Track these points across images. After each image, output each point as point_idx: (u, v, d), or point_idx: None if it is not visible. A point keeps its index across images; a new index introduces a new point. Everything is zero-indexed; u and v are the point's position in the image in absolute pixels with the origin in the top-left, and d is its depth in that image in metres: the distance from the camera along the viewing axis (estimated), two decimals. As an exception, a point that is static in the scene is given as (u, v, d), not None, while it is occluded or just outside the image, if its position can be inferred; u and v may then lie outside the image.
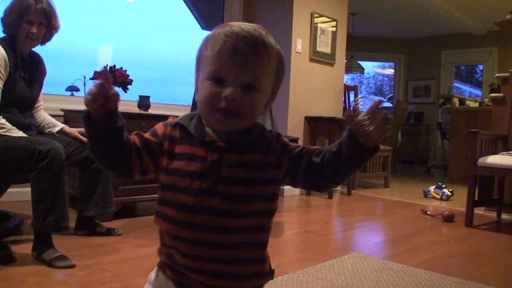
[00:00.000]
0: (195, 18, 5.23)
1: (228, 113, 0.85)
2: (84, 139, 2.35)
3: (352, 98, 5.12)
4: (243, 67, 0.85)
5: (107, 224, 2.59)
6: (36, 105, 2.51)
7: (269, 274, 0.94)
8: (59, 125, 2.50)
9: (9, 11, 2.21)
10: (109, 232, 2.49)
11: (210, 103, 0.85)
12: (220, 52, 0.84)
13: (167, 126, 0.91)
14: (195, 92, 0.96)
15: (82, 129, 2.37)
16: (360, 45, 8.31)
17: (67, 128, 2.47)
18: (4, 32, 2.25)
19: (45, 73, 2.49)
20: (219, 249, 0.84)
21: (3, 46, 2.16)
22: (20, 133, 2.16)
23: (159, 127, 0.91)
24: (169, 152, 0.88)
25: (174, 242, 0.86)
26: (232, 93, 0.84)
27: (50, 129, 2.49)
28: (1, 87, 2.13)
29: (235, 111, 0.85)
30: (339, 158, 0.85)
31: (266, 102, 0.92)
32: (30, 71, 2.34)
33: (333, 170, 0.87)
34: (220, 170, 0.85)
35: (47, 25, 2.29)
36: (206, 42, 0.88)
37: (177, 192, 0.85)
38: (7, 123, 2.13)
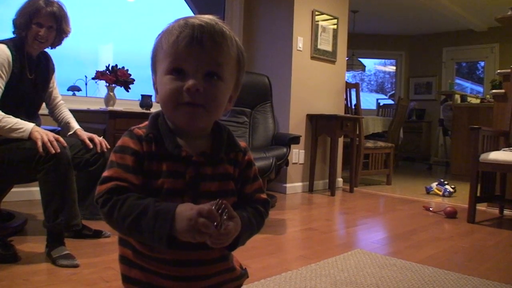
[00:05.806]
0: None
1: (193, 106, 0.82)
2: (90, 144, 2.33)
3: (353, 95, 5.12)
4: (202, 54, 0.81)
5: (97, 226, 2.47)
6: (55, 102, 2.51)
7: (242, 273, 0.95)
8: (73, 128, 2.45)
9: (20, 13, 2.21)
10: (97, 234, 2.42)
11: (173, 100, 0.82)
12: (176, 42, 0.80)
13: (141, 141, 0.83)
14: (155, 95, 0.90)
15: (92, 134, 2.39)
16: (361, 43, 8.31)
17: (78, 131, 2.43)
18: (14, 33, 2.25)
19: (53, 71, 2.48)
20: (186, 252, 0.84)
21: (9, 47, 2.16)
22: (19, 120, 2.08)
23: (129, 144, 0.83)
24: (148, 171, 0.83)
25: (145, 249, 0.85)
26: (195, 84, 0.80)
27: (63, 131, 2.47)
28: (2, 87, 2.12)
29: (200, 104, 0.82)
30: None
31: (230, 96, 0.89)
32: (36, 72, 2.33)
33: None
34: (199, 185, 0.84)
35: (57, 29, 2.27)
36: (160, 38, 0.85)
37: None
38: (2, 113, 2.07)
